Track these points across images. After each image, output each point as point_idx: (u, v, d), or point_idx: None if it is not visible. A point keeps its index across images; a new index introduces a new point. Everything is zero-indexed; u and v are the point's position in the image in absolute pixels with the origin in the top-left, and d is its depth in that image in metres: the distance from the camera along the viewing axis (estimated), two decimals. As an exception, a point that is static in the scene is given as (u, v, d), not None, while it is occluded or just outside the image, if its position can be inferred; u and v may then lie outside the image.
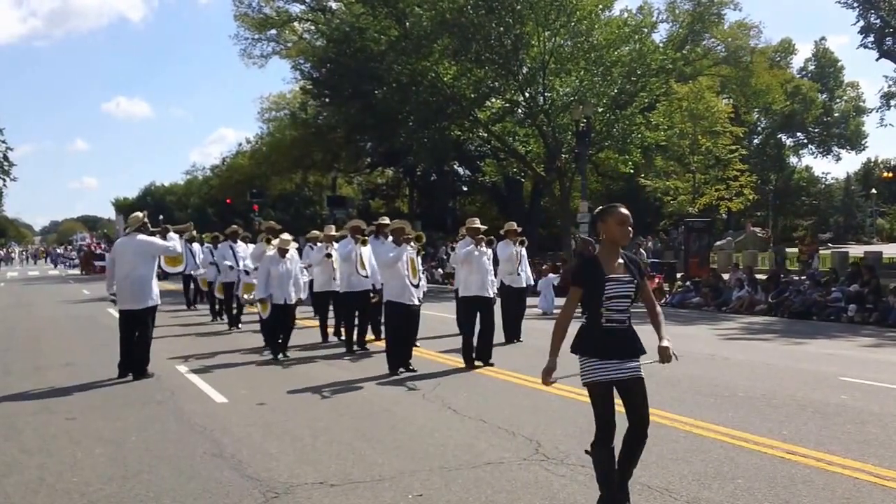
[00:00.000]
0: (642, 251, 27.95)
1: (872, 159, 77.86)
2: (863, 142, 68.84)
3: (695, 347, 12.44)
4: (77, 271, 49.78)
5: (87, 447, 6.77)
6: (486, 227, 11.65)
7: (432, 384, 9.48)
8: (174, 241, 10.57)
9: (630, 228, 4.76)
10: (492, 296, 11.21)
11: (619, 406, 4.73)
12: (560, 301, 17.78)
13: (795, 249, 29.22)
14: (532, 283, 15.08)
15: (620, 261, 4.74)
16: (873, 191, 63.71)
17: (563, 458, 6.16)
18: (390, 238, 10.89)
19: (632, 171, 34.99)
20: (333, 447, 6.62)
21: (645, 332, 4.79)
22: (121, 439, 7.00)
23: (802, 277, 21.20)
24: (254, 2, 41.37)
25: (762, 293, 19.78)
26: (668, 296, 22.46)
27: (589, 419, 7.48)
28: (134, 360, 9.98)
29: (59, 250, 77.50)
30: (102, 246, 52.52)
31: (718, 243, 40.12)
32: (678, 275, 25.72)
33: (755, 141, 59.79)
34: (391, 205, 57.01)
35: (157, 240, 10.32)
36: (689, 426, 7.11)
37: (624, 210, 4.78)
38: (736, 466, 5.91)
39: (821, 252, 25.37)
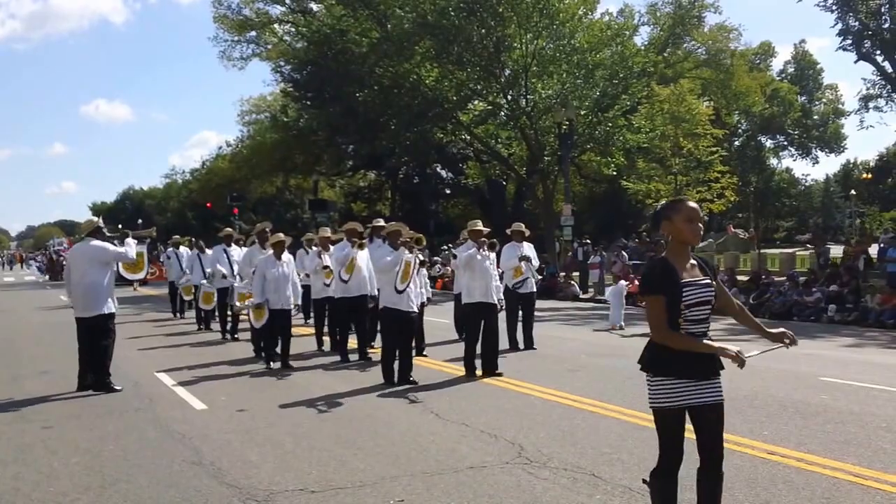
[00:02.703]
0: (624, 253, 27.92)
1: (851, 161, 78.93)
2: (842, 144, 69.65)
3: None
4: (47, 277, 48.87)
5: (64, 456, 6.68)
6: (488, 230, 11.23)
7: (416, 389, 9.42)
8: (129, 247, 10.09)
9: (700, 225, 4.12)
10: (495, 301, 10.72)
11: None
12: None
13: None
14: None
15: (693, 262, 4.14)
16: (852, 192, 64.32)
17: (545, 462, 6.15)
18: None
19: (614, 173, 35.09)
20: (314, 453, 6.56)
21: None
22: (98, 448, 6.91)
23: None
24: (233, 3, 41.05)
25: (742, 295, 19.88)
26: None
27: (572, 422, 7.53)
28: (92, 371, 9.65)
29: (39, 256, 76.71)
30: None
31: (700, 245, 40.27)
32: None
33: (736, 143, 60.17)
34: (373, 208, 56.87)
35: (109, 245, 9.86)
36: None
37: (692, 204, 4.14)
38: (717, 468, 5.90)
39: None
